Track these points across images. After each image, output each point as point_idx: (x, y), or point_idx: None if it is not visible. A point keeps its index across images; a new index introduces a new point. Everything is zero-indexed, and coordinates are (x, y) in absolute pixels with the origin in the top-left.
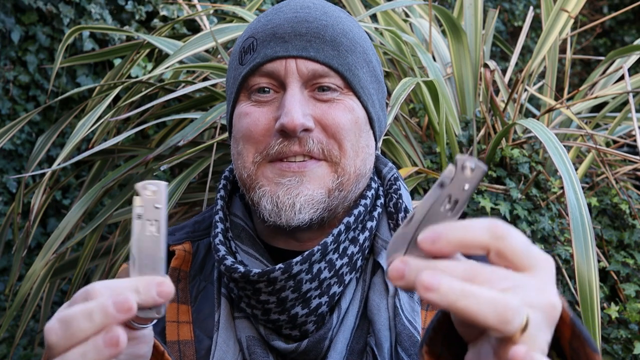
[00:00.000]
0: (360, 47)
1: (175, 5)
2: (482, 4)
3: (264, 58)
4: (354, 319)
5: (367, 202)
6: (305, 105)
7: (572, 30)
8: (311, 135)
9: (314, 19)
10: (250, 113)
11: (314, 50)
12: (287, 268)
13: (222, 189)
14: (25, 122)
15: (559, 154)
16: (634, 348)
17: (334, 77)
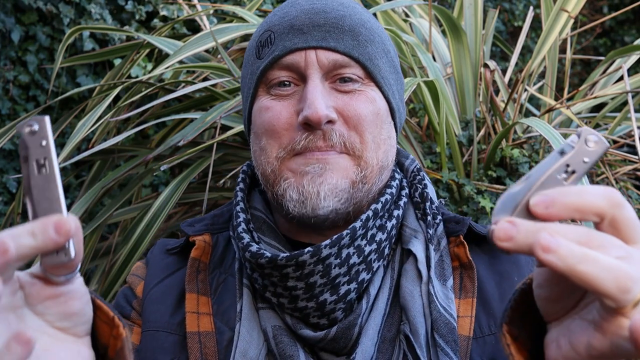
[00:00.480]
0: (379, 37)
1: (175, 5)
2: (482, 4)
3: (282, 50)
4: (384, 305)
5: (392, 192)
6: (327, 97)
7: (572, 30)
8: (334, 128)
9: (332, 9)
10: (271, 107)
11: (334, 41)
12: (316, 251)
13: (241, 182)
14: None
15: None
16: None
17: (354, 68)
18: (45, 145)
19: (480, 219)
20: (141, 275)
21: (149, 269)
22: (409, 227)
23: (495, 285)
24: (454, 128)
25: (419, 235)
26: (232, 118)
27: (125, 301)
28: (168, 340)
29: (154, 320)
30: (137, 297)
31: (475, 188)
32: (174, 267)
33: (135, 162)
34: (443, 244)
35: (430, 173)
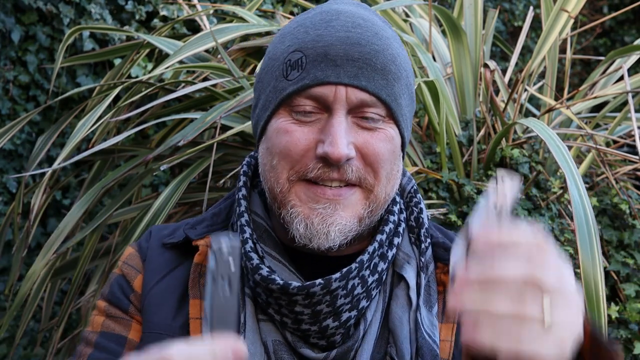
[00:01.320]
0: (405, 72)
1: (175, 5)
2: (482, 4)
3: (313, 81)
4: (376, 329)
5: (395, 219)
6: (349, 133)
7: (572, 30)
8: (351, 164)
9: (367, 43)
10: (291, 132)
11: (365, 79)
12: (327, 284)
13: (243, 187)
14: (25, 122)
15: (561, 153)
16: (634, 348)
17: (379, 107)
18: (232, 268)
19: None
20: (137, 268)
21: (148, 264)
22: (402, 251)
23: None
24: (454, 128)
25: (411, 261)
26: (232, 118)
27: (121, 293)
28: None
29: (157, 323)
30: (134, 291)
31: (475, 188)
32: (173, 264)
33: (135, 162)
34: (431, 269)
35: (430, 173)
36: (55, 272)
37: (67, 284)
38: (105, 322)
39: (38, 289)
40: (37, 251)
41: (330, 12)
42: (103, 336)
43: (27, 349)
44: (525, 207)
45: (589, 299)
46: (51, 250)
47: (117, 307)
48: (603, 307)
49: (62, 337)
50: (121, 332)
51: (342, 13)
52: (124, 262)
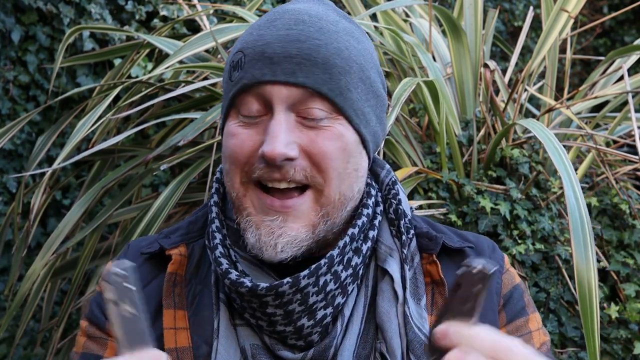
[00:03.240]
0: (357, 65)
1: (175, 5)
2: (482, 4)
3: (250, 80)
4: (359, 325)
5: (369, 212)
6: (290, 133)
7: (572, 30)
8: (293, 164)
9: (307, 38)
10: (237, 134)
11: (303, 75)
12: (295, 282)
13: (215, 194)
14: (25, 122)
15: (559, 154)
16: (634, 348)
17: (323, 102)
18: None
19: (480, 219)
20: None
21: None
22: (384, 244)
23: None
24: (454, 128)
25: (394, 253)
26: None
27: (99, 310)
28: None
29: None
30: None
31: (475, 188)
32: (148, 277)
33: (135, 162)
34: (416, 260)
35: (430, 173)
36: (55, 272)
37: (67, 284)
38: (85, 343)
39: (38, 289)
40: (37, 251)
41: (278, 12)
42: (83, 357)
43: (27, 349)
44: (525, 207)
45: (582, 300)
46: (51, 250)
47: (95, 325)
48: (596, 308)
49: (62, 337)
50: (98, 352)
51: (289, 11)
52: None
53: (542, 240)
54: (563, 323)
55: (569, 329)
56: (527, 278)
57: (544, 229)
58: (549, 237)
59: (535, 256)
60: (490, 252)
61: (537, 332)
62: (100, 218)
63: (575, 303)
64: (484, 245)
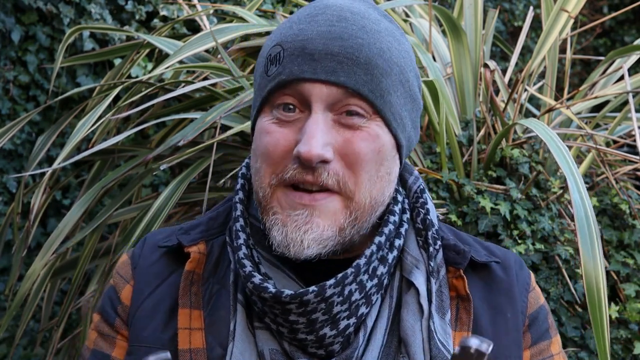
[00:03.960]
0: (397, 67)
1: (175, 5)
2: (482, 4)
3: (289, 76)
4: (382, 337)
5: (395, 219)
6: (327, 133)
7: (572, 30)
8: (327, 167)
9: (349, 36)
10: (271, 132)
11: (345, 75)
12: (321, 291)
13: (240, 191)
14: (25, 122)
15: (562, 154)
16: (634, 348)
17: (362, 103)
18: None
19: (480, 219)
20: (126, 277)
21: (137, 273)
22: (410, 254)
23: (490, 320)
24: (454, 128)
25: (420, 265)
26: (232, 118)
27: (110, 306)
28: None
29: (146, 337)
30: (121, 303)
31: (475, 188)
32: (164, 273)
33: (135, 162)
34: (442, 273)
35: (430, 173)
36: (55, 272)
37: (67, 284)
38: (96, 340)
39: (38, 289)
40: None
41: (319, 7)
42: (93, 354)
43: (27, 349)
44: (525, 207)
45: (590, 300)
46: (51, 250)
47: (105, 321)
48: (605, 308)
49: (62, 337)
50: (107, 350)
51: (330, 7)
52: (116, 271)
53: (542, 240)
54: (563, 323)
55: (569, 329)
56: None
57: (544, 229)
58: (549, 237)
59: (535, 256)
60: (517, 269)
61: (558, 355)
62: (100, 218)
63: (575, 303)
64: (510, 261)
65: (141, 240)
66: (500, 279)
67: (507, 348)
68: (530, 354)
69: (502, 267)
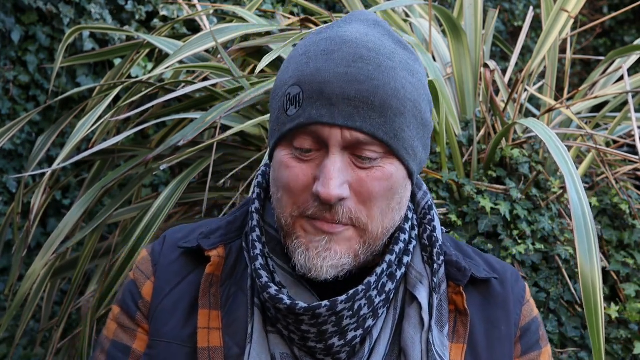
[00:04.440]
0: (411, 103)
1: (175, 5)
2: (482, 4)
3: (308, 120)
4: (385, 347)
5: (405, 237)
6: (343, 172)
7: (572, 30)
8: (343, 204)
9: (366, 79)
10: (291, 167)
11: (361, 120)
12: (332, 306)
13: (256, 200)
14: (25, 122)
15: (561, 154)
16: (634, 348)
17: (377, 146)
18: None
19: (480, 219)
20: (147, 273)
21: (158, 271)
22: (415, 269)
23: (485, 333)
24: (454, 128)
25: (424, 280)
26: (232, 118)
27: (131, 300)
28: (180, 352)
29: (166, 332)
30: (142, 298)
31: (475, 188)
32: (184, 272)
33: (135, 162)
34: (443, 288)
35: (430, 173)
36: (55, 272)
37: (67, 284)
38: (116, 331)
39: (38, 289)
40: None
41: (335, 41)
42: (113, 345)
43: (27, 349)
44: (525, 207)
45: (587, 300)
46: (51, 250)
47: (126, 314)
48: (601, 308)
49: (62, 337)
50: (127, 342)
51: (347, 42)
52: (136, 266)
53: (542, 240)
54: (563, 323)
55: (569, 329)
56: (527, 278)
57: (544, 229)
58: (549, 237)
59: (535, 256)
60: (513, 282)
61: None
62: (100, 218)
63: (575, 303)
64: (507, 275)
65: (161, 237)
66: (497, 293)
67: (500, 359)
68: None
69: (500, 282)
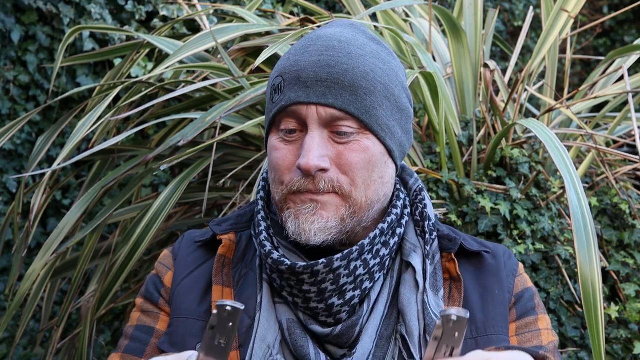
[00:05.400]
0: (381, 85)
1: (175, 5)
2: (482, 4)
3: (288, 102)
4: (383, 308)
5: (397, 212)
6: (323, 147)
7: (572, 30)
8: (324, 176)
9: (336, 63)
10: (279, 149)
11: (333, 97)
12: (329, 263)
13: (261, 191)
14: (25, 122)
15: (560, 154)
16: (634, 348)
17: (350, 121)
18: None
19: (480, 219)
20: (168, 265)
21: (177, 262)
22: (409, 242)
23: (479, 297)
24: (454, 128)
25: (417, 250)
26: (232, 118)
27: (154, 288)
28: (196, 326)
29: (184, 309)
30: (164, 286)
31: (475, 188)
32: (200, 260)
33: (135, 162)
34: (437, 259)
35: (430, 173)
36: (55, 272)
37: (67, 284)
38: (140, 317)
39: (38, 289)
40: (37, 251)
41: (312, 38)
42: (137, 329)
43: (27, 349)
44: (525, 207)
45: (586, 300)
46: (51, 250)
47: (149, 301)
48: (600, 309)
49: (62, 337)
50: (151, 324)
51: (321, 38)
52: (158, 262)
53: (542, 240)
54: (563, 323)
55: (569, 329)
56: None
57: (544, 229)
58: (549, 237)
59: (535, 256)
60: (506, 258)
61: (546, 330)
62: (100, 218)
63: (575, 303)
64: (499, 251)
65: (180, 237)
66: (489, 264)
67: (494, 319)
68: (515, 327)
69: (492, 256)
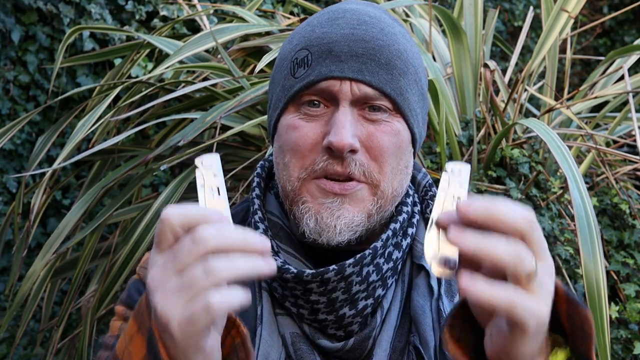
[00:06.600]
0: (413, 68)
1: (175, 5)
2: (482, 4)
3: (318, 76)
4: (395, 318)
5: (408, 210)
6: (354, 125)
7: (572, 30)
8: (354, 158)
9: (371, 38)
10: (299, 127)
11: (369, 74)
12: (341, 269)
13: (257, 188)
14: (25, 122)
15: (562, 153)
16: (634, 348)
17: (384, 101)
18: (217, 176)
19: None
20: None
21: None
22: (420, 242)
23: None
24: (454, 128)
25: None
26: (232, 118)
27: (137, 294)
28: None
29: None
30: None
31: (475, 188)
32: None
33: (135, 162)
34: None
35: (430, 173)
36: (55, 272)
37: (67, 284)
38: (122, 326)
39: (38, 289)
40: (37, 251)
41: (337, 11)
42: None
43: (27, 349)
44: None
45: (590, 299)
46: (51, 250)
47: (132, 308)
48: (605, 308)
49: (62, 337)
50: None
51: (349, 11)
52: (140, 266)
53: None
54: None
55: None
56: None
57: (544, 229)
58: (549, 237)
59: None
60: None
61: None
62: (100, 218)
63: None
64: None
65: None
66: None
67: None
68: None
69: None
